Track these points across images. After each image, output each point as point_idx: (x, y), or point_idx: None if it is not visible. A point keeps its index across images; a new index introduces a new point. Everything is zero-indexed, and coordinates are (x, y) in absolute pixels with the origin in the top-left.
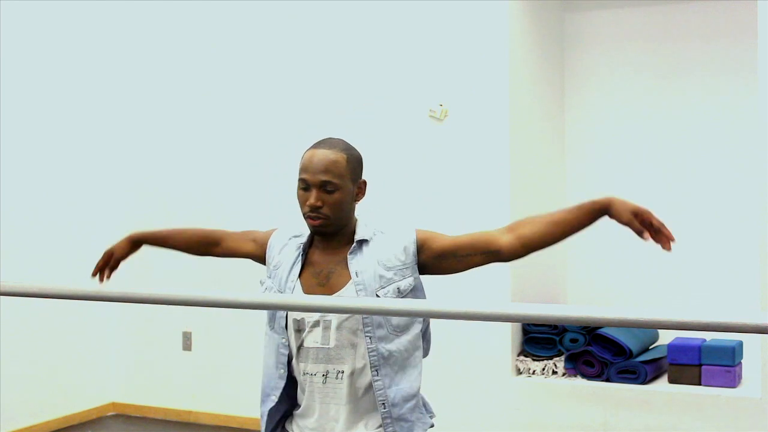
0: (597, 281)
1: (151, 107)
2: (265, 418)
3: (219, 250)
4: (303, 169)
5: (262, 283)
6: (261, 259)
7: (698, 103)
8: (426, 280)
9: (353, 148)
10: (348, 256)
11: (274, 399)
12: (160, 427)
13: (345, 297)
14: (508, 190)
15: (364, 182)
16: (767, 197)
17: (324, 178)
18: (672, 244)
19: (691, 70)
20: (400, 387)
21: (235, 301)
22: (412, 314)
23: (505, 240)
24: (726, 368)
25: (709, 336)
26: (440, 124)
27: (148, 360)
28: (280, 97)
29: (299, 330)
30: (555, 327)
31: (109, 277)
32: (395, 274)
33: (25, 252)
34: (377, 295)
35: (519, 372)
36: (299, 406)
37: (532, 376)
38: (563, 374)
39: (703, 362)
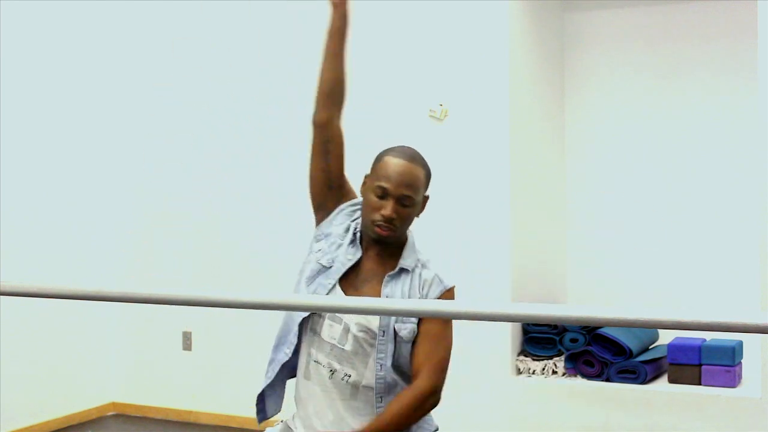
0: (597, 281)
1: (151, 107)
2: (275, 365)
3: (333, 127)
4: (385, 177)
5: (317, 239)
6: (329, 193)
7: (698, 103)
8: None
9: (427, 163)
10: (385, 278)
11: (287, 353)
12: (160, 427)
13: (344, 297)
14: (508, 190)
15: (428, 197)
16: (767, 197)
17: (406, 192)
18: None
19: (691, 70)
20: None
21: (235, 301)
22: (413, 314)
23: (414, 380)
24: (726, 368)
25: (709, 336)
26: (440, 124)
27: (148, 360)
28: (280, 97)
29: (320, 316)
30: (555, 327)
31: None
32: (409, 319)
33: (25, 252)
34: (394, 328)
35: (519, 372)
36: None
37: (532, 376)
38: (563, 374)
39: (703, 362)
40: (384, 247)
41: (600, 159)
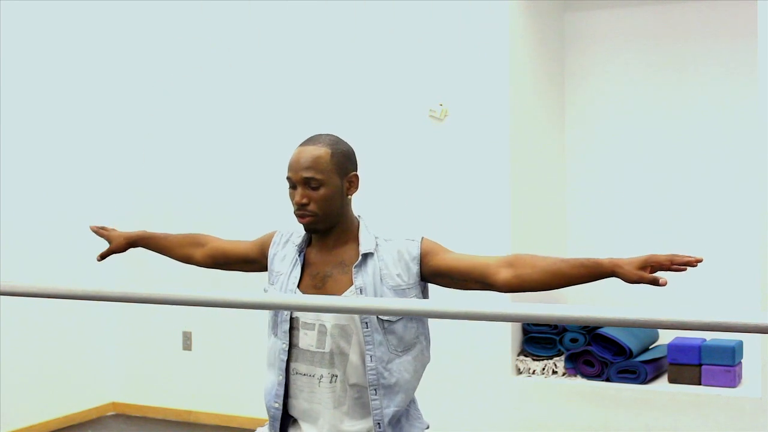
0: (597, 281)
1: (152, 108)
2: (274, 424)
3: (206, 250)
4: (288, 168)
5: (265, 291)
6: (258, 264)
7: (698, 103)
8: None
9: (341, 142)
10: (353, 269)
11: (277, 407)
12: (160, 427)
13: (345, 297)
14: (508, 190)
15: (356, 176)
16: (767, 197)
17: (306, 174)
18: (697, 261)
19: (691, 69)
20: (399, 408)
21: (235, 301)
22: (412, 314)
23: (502, 277)
24: (726, 368)
25: (709, 336)
26: (440, 124)
27: (148, 360)
28: (280, 97)
29: (293, 328)
30: (555, 327)
31: (99, 260)
32: (395, 292)
33: (25, 252)
34: (378, 316)
35: (519, 372)
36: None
37: (532, 375)
38: (563, 374)
39: (703, 362)
40: (326, 235)
41: (600, 159)
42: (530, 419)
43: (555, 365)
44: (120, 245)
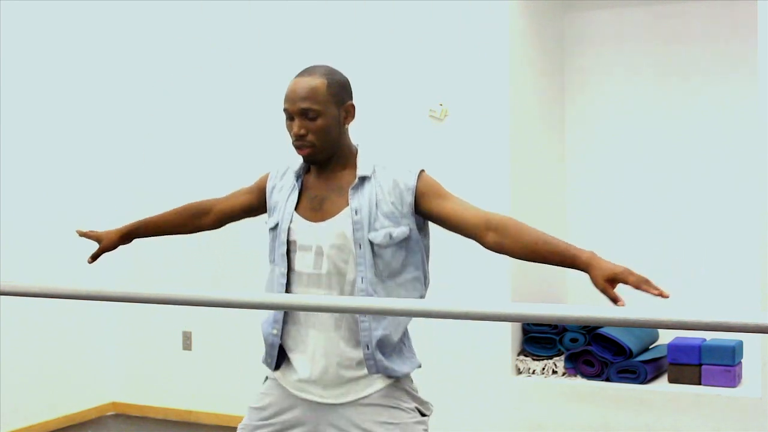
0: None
1: (151, 108)
2: (270, 357)
3: (212, 217)
4: (285, 99)
5: (266, 223)
6: (261, 207)
7: (698, 103)
8: None
9: (336, 72)
10: (349, 191)
11: (276, 333)
12: (160, 427)
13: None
14: (508, 190)
15: (352, 105)
16: (767, 197)
17: (304, 105)
18: (664, 296)
19: (692, 70)
20: (387, 333)
21: (235, 301)
22: (411, 314)
23: (488, 240)
24: (726, 368)
25: (709, 336)
26: (440, 124)
27: (148, 360)
28: (280, 97)
29: (291, 251)
30: (555, 326)
31: (90, 262)
32: (389, 219)
33: (25, 252)
34: (369, 239)
35: (519, 372)
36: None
37: (532, 375)
38: (563, 374)
39: (703, 362)
40: (325, 164)
41: (600, 159)
42: (530, 419)
43: (555, 365)
44: (111, 241)
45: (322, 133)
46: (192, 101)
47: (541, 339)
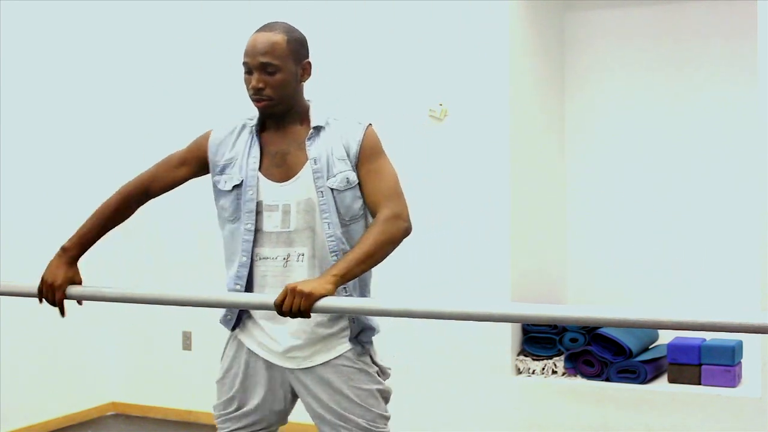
0: (597, 281)
1: (151, 108)
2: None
3: (150, 196)
4: (245, 53)
5: (216, 183)
6: (201, 170)
7: (698, 103)
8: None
9: (295, 30)
10: (306, 142)
11: (239, 288)
12: (160, 427)
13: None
14: (508, 189)
15: (309, 63)
16: (767, 197)
17: (264, 60)
18: None
19: (692, 69)
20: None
21: (235, 301)
22: (411, 315)
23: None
24: (726, 368)
25: (709, 336)
26: (440, 124)
27: (148, 360)
28: None
29: (258, 212)
30: (555, 326)
31: (64, 312)
32: (344, 164)
33: (25, 252)
34: (328, 186)
35: (519, 372)
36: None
37: (532, 375)
38: (563, 374)
39: (702, 362)
40: (282, 118)
41: (600, 159)
42: (530, 419)
43: (555, 365)
44: (64, 276)
45: (280, 88)
46: (192, 101)
47: (541, 339)
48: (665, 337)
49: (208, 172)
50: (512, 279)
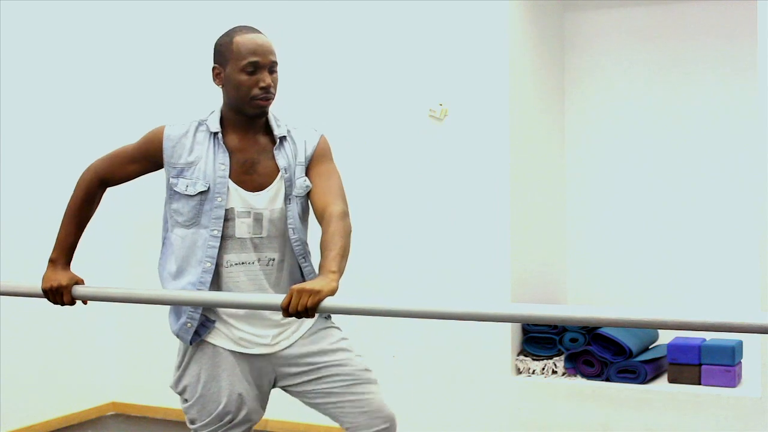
0: (597, 281)
1: (151, 108)
2: (188, 333)
3: (111, 185)
4: (251, 53)
5: (173, 186)
6: (154, 167)
7: (698, 103)
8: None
9: None
10: (275, 151)
11: (205, 283)
12: (160, 427)
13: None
14: (508, 190)
15: None
16: (767, 197)
17: (273, 58)
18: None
19: (691, 69)
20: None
21: (235, 301)
22: (411, 315)
23: (322, 226)
24: (726, 368)
25: (709, 336)
26: (440, 124)
27: (148, 360)
28: (280, 96)
29: (228, 219)
30: (555, 327)
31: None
32: (301, 169)
33: (25, 252)
34: (294, 194)
35: (519, 372)
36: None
37: (532, 375)
38: (563, 374)
39: (702, 362)
40: (250, 124)
41: (600, 159)
42: (530, 419)
43: (555, 365)
44: (69, 278)
45: (276, 87)
46: (192, 101)
47: (541, 339)
48: (665, 337)
49: (160, 168)
50: (512, 279)
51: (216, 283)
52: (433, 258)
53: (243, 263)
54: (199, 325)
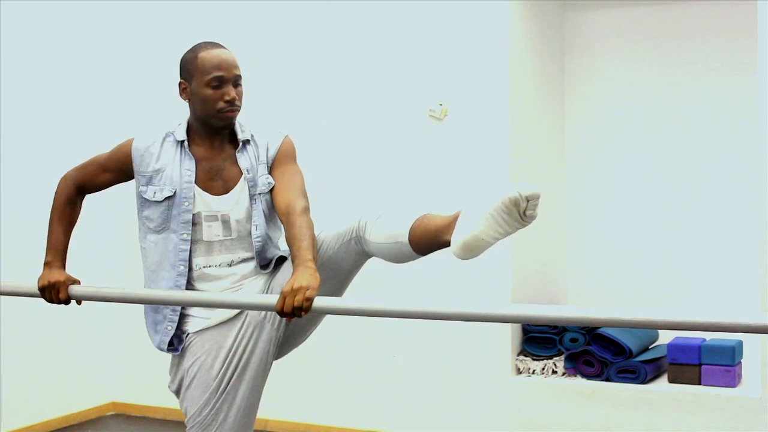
0: (597, 281)
1: (151, 108)
2: (165, 338)
3: (88, 193)
4: (216, 68)
5: (142, 193)
6: (125, 177)
7: (698, 103)
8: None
9: None
10: (237, 155)
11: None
12: (160, 427)
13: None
14: None
15: None
16: (767, 197)
17: (238, 72)
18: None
19: (691, 69)
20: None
21: (235, 301)
22: (411, 315)
23: (283, 223)
24: (726, 368)
25: (709, 336)
26: (440, 124)
27: (148, 360)
28: (280, 96)
29: (195, 223)
30: (555, 327)
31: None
32: (264, 167)
33: (25, 252)
34: (258, 192)
35: (519, 372)
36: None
37: (532, 375)
38: (563, 374)
39: (702, 362)
40: (216, 133)
41: (600, 159)
42: (530, 419)
43: (555, 365)
44: (67, 278)
45: (241, 99)
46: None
47: (541, 339)
48: (665, 337)
49: (131, 179)
50: (512, 279)
51: (191, 286)
52: (432, 258)
53: (214, 265)
54: (174, 338)
